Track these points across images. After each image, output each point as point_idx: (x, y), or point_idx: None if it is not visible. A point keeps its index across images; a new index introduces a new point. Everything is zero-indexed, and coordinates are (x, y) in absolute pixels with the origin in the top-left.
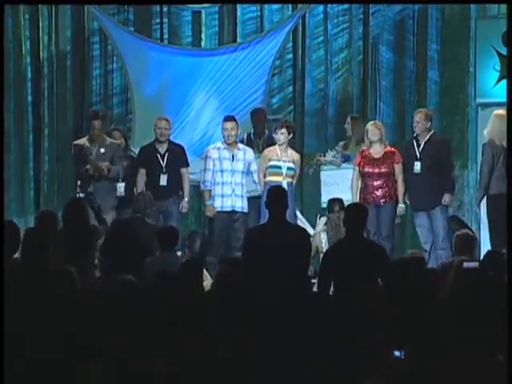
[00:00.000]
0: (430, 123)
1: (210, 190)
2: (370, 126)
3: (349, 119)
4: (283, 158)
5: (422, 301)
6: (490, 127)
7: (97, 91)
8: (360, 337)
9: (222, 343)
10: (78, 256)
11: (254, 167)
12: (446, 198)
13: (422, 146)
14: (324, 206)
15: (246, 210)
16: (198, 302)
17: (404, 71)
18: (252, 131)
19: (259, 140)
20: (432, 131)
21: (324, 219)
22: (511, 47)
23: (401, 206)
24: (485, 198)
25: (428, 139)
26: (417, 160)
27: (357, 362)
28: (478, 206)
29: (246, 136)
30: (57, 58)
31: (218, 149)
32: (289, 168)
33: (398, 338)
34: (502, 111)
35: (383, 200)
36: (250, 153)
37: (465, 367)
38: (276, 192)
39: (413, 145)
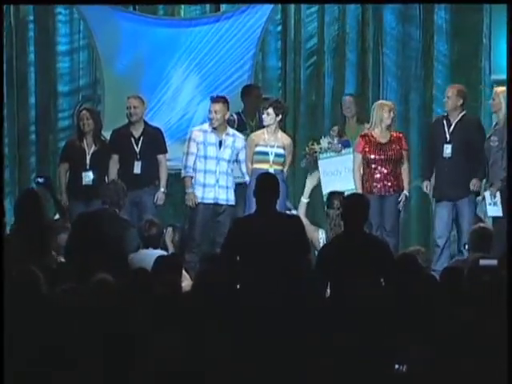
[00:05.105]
0: (461, 100)
1: (192, 177)
2: (386, 106)
3: (348, 98)
4: (271, 143)
5: (428, 303)
6: None
7: (63, 68)
8: (360, 341)
9: (201, 349)
10: (35, 255)
11: (242, 156)
12: (475, 182)
13: (452, 127)
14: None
15: (232, 203)
16: (176, 305)
17: (409, 42)
18: (241, 110)
19: (251, 121)
20: (464, 111)
21: (315, 176)
22: (511, 47)
23: (405, 193)
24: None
25: (460, 119)
26: (447, 143)
27: (354, 366)
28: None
29: (236, 116)
30: (16, 28)
31: (204, 132)
32: (277, 154)
33: (401, 342)
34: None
35: (391, 189)
36: (240, 140)
37: (475, 370)
38: (265, 179)
39: (442, 124)
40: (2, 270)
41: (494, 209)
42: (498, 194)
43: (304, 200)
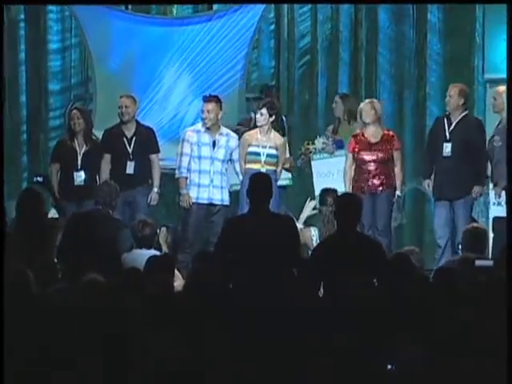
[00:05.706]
0: (463, 100)
1: (186, 178)
2: (364, 105)
3: (337, 98)
4: (263, 144)
5: (422, 303)
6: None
7: (54, 66)
8: (352, 341)
9: (194, 348)
10: (35, 254)
11: (236, 155)
12: (477, 190)
13: (452, 126)
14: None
15: (226, 203)
16: (168, 304)
17: (402, 41)
18: None
19: None
20: (467, 111)
21: (313, 203)
22: (511, 48)
23: (397, 193)
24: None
25: (461, 119)
26: (446, 141)
27: (347, 366)
28: None
29: (254, 115)
30: (7, 25)
31: (198, 132)
32: (268, 155)
33: (394, 342)
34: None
35: (380, 188)
36: (234, 139)
37: (473, 370)
38: (258, 179)
39: (443, 123)
40: (2, 269)
41: (498, 209)
42: (502, 193)
43: (300, 225)
